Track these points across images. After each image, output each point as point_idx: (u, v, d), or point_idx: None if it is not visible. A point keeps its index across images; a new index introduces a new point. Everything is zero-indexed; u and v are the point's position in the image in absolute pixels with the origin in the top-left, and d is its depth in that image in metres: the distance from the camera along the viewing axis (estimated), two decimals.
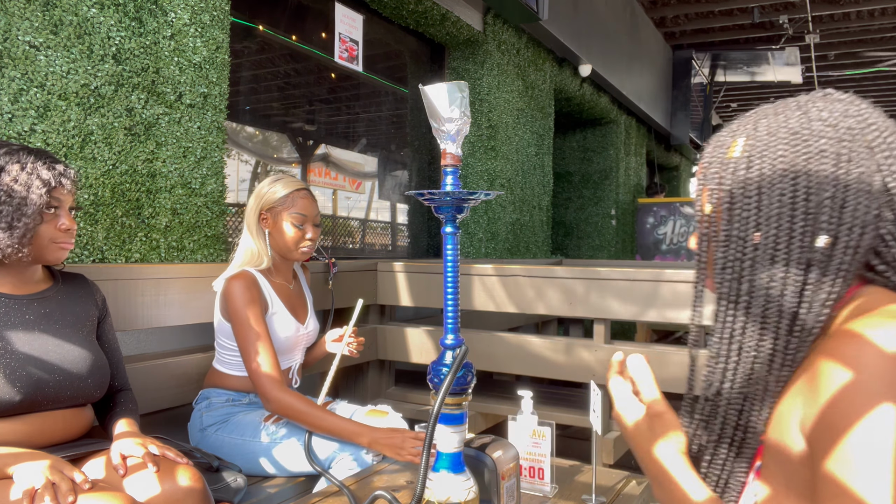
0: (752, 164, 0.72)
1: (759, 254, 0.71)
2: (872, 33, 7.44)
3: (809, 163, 0.69)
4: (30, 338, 1.31)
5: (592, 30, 5.47)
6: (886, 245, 0.69)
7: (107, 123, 1.95)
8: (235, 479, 1.58)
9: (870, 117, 0.71)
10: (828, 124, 0.70)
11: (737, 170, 0.73)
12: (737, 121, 0.78)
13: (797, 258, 0.69)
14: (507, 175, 4.42)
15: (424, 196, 1.04)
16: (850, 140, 0.69)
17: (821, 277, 0.68)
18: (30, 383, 1.26)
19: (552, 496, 1.40)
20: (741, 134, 0.75)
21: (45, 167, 1.30)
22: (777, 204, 0.70)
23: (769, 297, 0.70)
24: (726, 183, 0.74)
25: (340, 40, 3.21)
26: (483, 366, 2.60)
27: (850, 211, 0.67)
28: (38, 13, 1.77)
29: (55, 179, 1.31)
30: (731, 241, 0.73)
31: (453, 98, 1.04)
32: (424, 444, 0.97)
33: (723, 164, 0.75)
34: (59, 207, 1.34)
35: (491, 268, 2.60)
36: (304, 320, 1.96)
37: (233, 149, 3.10)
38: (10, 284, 1.35)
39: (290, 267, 1.98)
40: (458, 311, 1.08)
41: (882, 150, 0.69)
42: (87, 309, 1.47)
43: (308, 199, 1.89)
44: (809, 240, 0.68)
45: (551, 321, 3.99)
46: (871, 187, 0.68)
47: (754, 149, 0.73)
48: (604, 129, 6.51)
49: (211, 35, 2.26)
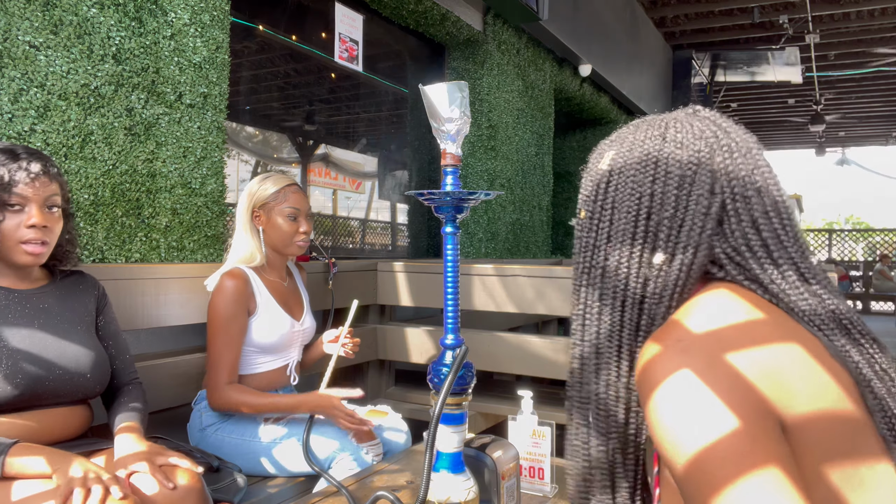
0: (610, 180, 0.76)
1: (608, 264, 0.75)
2: (872, 33, 7.45)
3: (655, 184, 0.73)
4: (28, 332, 1.30)
5: (592, 30, 5.47)
6: (725, 258, 0.72)
7: (107, 123, 1.95)
8: (235, 480, 1.58)
9: (724, 138, 0.74)
10: (679, 146, 0.74)
11: (599, 182, 0.78)
12: (618, 130, 0.82)
13: (635, 273, 0.73)
14: (507, 175, 4.42)
15: (424, 196, 1.04)
16: (697, 164, 0.72)
17: (660, 291, 0.72)
18: (29, 379, 1.26)
19: (552, 496, 1.40)
20: (614, 146, 0.79)
21: (6, 162, 1.26)
22: (623, 220, 0.74)
23: (614, 305, 0.74)
24: (591, 193, 0.78)
25: (340, 40, 3.21)
26: (483, 366, 2.60)
27: (686, 231, 0.71)
28: (38, 13, 1.77)
29: (9, 175, 1.26)
30: (588, 248, 0.78)
31: (453, 98, 1.04)
32: (427, 444, 0.97)
33: (593, 174, 0.79)
34: (25, 205, 1.28)
35: (491, 268, 2.60)
36: (299, 317, 1.96)
37: (233, 149, 3.10)
38: (9, 279, 1.35)
39: (284, 263, 1.98)
40: (458, 311, 1.08)
41: (726, 173, 0.72)
42: (85, 303, 1.46)
43: (299, 194, 1.91)
44: (648, 256, 0.72)
45: (551, 321, 3.99)
46: (710, 209, 0.71)
47: (615, 164, 0.77)
48: (604, 129, 6.51)
49: (211, 35, 2.26)
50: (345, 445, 1.69)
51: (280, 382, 1.92)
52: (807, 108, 10.55)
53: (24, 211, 1.29)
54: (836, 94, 9.85)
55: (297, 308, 1.97)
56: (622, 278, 0.73)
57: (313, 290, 2.42)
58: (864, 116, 11.65)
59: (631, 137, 0.78)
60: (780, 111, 11.34)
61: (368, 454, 1.69)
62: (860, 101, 10.56)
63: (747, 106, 11.01)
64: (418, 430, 1.81)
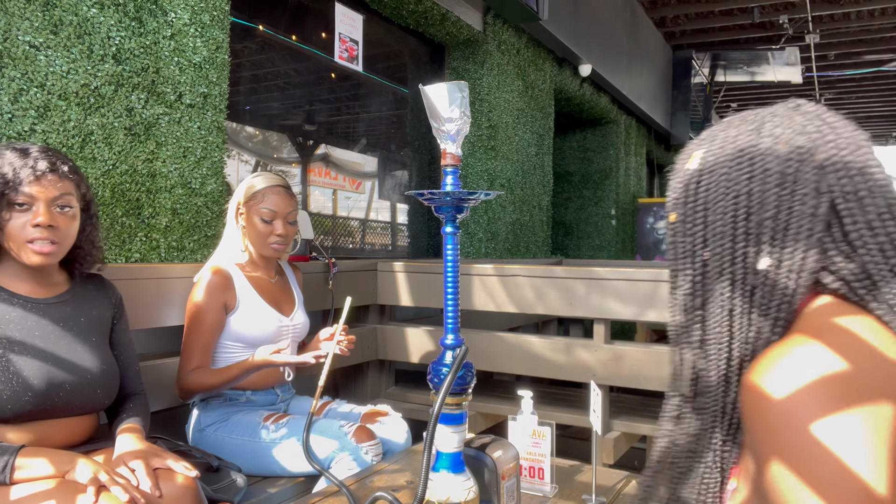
0: (701, 179, 0.71)
1: (708, 271, 0.70)
2: (872, 33, 7.45)
3: (753, 182, 0.67)
4: (45, 344, 1.29)
5: (592, 30, 5.47)
6: (835, 265, 0.66)
7: (107, 123, 1.95)
8: (235, 480, 1.58)
9: (829, 134, 0.67)
10: (778, 141, 0.68)
11: (689, 183, 0.73)
12: (708, 129, 0.77)
13: (741, 280, 0.67)
14: (507, 175, 4.42)
15: (424, 196, 1.04)
16: (799, 160, 0.66)
17: (768, 301, 0.66)
18: (40, 392, 1.25)
19: (552, 496, 1.40)
20: (703, 144, 0.74)
21: (14, 161, 1.25)
22: (720, 222, 0.69)
23: (720, 316, 0.69)
24: (680, 195, 0.74)
25: (340, 40, 3.21)
26: (483, 366, 2.60)
27: (793, 234, 0.65)
28: (38, 13, 1.77)
29: (14, 173, 1.24)
30: (682, 255, 0.73)
31: (453, 98, 1.04)
32: (425, 444, 0.97)
33: (681, 175, 0.75)
34: (32, 204, 1.26)
35: (491, 268, 2.60)
36: (289, 313, 1.97)
37: (233, 149, 3.10)
38: (29, 286, 1.33)
39: (271, 262, 1.98)
40: (458, 311, 1.08)
41: (834, 170, 0.66)
42: (102, 312, 1.45)
43: (280, 196, 1.89)
44: (752, 262, 0.67)
45: (551, 321, 3.99)
46: (817, 209, 0.65)
47: (706, 163, 0.72)
48: (604, 129, 6.51)
49: (211, 35, 2.26)
50: (344, 445, 1.69)
51: (275, 379, 1.93)
52: None
53: (30, 210, 1.27)
54: (836, 94, 9.85)
55: (286, 304, 1.98)
56: (726, 286, 0.68)
57: (313, 290, 2.42)
58: (864, 116, 11.65)
59: (722, 134, 0.72)
60: None
61: (368, 454, 1.69)
62: (860, 101, 10.56)
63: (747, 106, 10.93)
64: (418, 430, 1.80)
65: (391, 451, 1.83)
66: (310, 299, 2.43)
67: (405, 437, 1.89)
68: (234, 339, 1.86)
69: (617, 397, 2.83)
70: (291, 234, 1.93)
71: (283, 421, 1.79)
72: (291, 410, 1.98)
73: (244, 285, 1.88)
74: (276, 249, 1.90)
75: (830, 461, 0.54)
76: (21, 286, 1.32)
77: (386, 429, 1.87)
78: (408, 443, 1.89)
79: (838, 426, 0.54)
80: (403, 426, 1.91)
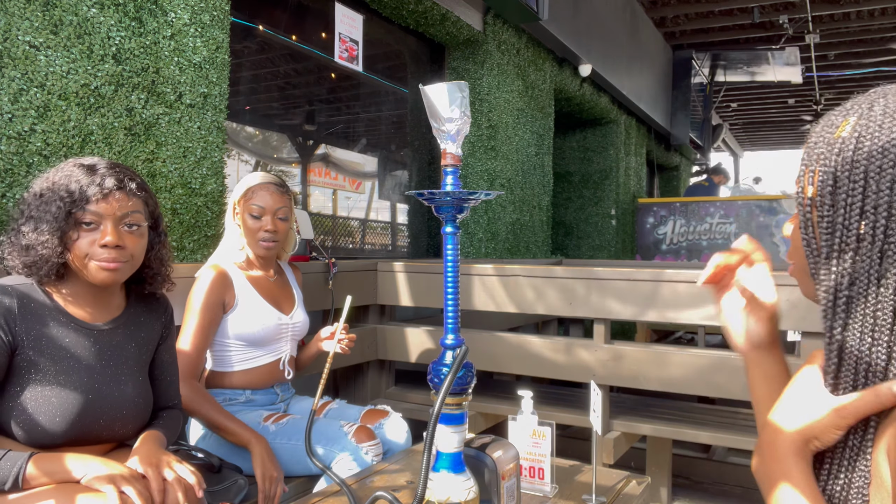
0: (861, 146, 0.65)
1: (864, 245, 0.64)
2: (872, 33, 7.45)
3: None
4: (89, 375, 1.26)
5: (592, 30, 5.47)
6: None
7: (107, 123, 1.95)
8: (236, 480, 1.58)
9: None
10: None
11: (843, 150, 0.66)
12: (850, 101, 0.71)
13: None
14: (507, 175, 4.42)
15: (424, 196, 1.04)
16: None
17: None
18: (75, 424, 1.23)
19: (552, 496, 1.40)
20: (853, 113, 0.68)
21: (81, 178, 1.22)
22: (887, 192, 0.62)
23: (871, 293, 0.64)
24: (830, 164, 0.67)
25: (340, 40, 3.21)
26: (483, 366, 2.60)
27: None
28: (38, 13, 1.77)
29: (81, 191, 1.21)
30: (834, 228, 0.67)
31: (453, 98, 1.03)
32: (425, 444, 0.97)
33: (829, 145, 0.68)
34: (100, 222, 1.23)
35: (491, 268, 2.60)
36: (288, 311, 1.97)
37: (233, 149, 3.10)
38: (88, 309, 1.30)
39: (268, 261, 1.98)
40: (458, 311, 1.08)
41: None
42: (151, 334, 1.41)
43: (269, 192, 1.89)
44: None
45: (551, 321, 3.99)
46: None
47: (865, 129, 0.65)
48: (604, 129, 6.51)
49: (211, 35, 2.26)
50: (345, 445, 1.70)
51: (275, 377, 1.93)
52: (807, 108, 10.55)
53: (98, 229, 1.23)
54: (836, 94, 9.85)
55: (286, 303, 1.99)
56: (888, 260, 0.62)
57: (313, 290, 2.42)
58: None
59: (882, 101, 0.66)
60: (780, 111, 11.34)
61: (368, 454, 1.69)
62: None
63: (747, 106, 11.01)
64: (418, 430, 1.81)
65: (391, 451, 1.83)
66: (310, 299, 2.43)
67: (405, 437, 1.89)
68: (236, 337, 1.86)
69: (617, 397, 2.83)
70: (282, 231, 1.92)
71: (283, 421, 1.79)
72: (291, 410, 1.98)
73: (243, 284, 1.89)
74: (265, 247, 1.89)
75: None
76: (79, 310, 1.29)
77: (386, 429, 1.88)
78: (408, 443, 1.89)
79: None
80: (403, 426, 1.91)
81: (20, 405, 1.20)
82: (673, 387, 2.27)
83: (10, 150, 1.73)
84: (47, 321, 1.25)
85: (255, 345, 1.88)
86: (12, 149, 1.74)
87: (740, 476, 3.05)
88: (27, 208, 1.25)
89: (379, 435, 1.83)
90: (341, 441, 1.71)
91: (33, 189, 1.26)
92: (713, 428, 2.34)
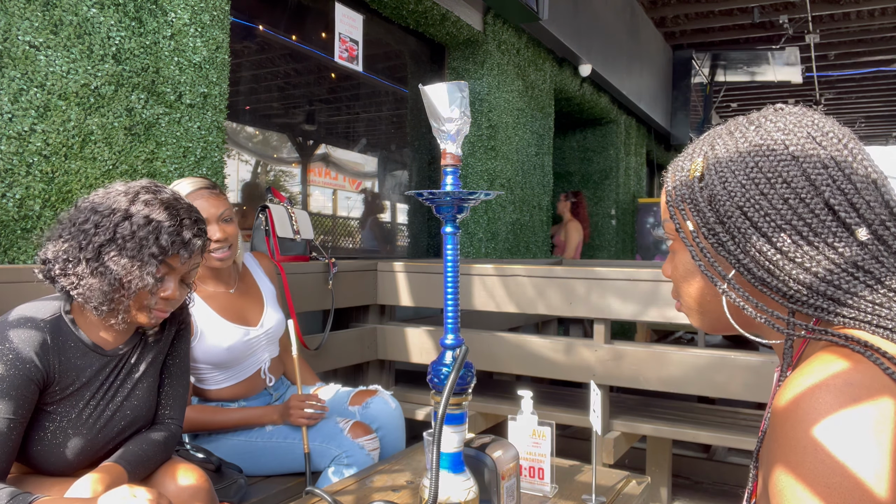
0: (713, 179, 0.72)
1: (779, 258, 0.68)
2: (872, 33, 7.45)
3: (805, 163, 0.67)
4: (100, 405, 1.25)
5: (592, 30, 5.47)
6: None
7: (107, 123, 1.95)
8: (236, 480, 1.58)
9: (824, 125, 0.70)
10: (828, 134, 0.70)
11: (705, 187, 0.73)
12: (691, 146, 0.79)
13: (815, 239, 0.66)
14: (507, 175, 4.42)
15: (424, 196, 1.04)
16: (828, 144, 0.69)
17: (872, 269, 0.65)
18: (84, 454, 1.23)
19: (552, 496, 1.40)
20: (699, 155, 0.76)
21: (168, 226, 1.18)
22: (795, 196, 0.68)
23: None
24: (697, 200, 0.74)
25: (340, 40, 3.21)
26: (483, 366, 2.60)
27: (866, 205, 0.66)
28: (38, 13, 1.77)
29: (172, 248, 1.17)
30: (739, 252, 0.71)
31: (453, 98, 1.04)
32: (432, 443, 0.97)
33: (689, 186, 0.75)
34: (168, 274, 1.21)
35: (491, 268, 2.60)
36: (256, 321, 1.84)
37: (233, 149, 3.10)
38: (106, 333, 1.27)
39: (224, 271, 1.82)
40: (458, 311, 1.08)
41: (853, 150, 0.69)
42: (162, 347, 1.38)
43: (204, 199, 1.71)
44: (849, 232, 0.66)
45: (551, 321, 3.99)
46: (870, 179, 0.67)
47: (715, 164, 0.73)
48: (604, 129, 6.51)
49: (211, 35, 2.26)
50: (341, 443, 1.70)
51: (257, 387, 1.86)
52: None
53: (163, 281, 1.21)
54: (836, 94, 9.86)
55: (252, 313, 1.86)
56: (811, 248, 0.67)
57: (313, 290, 2.42)
58: (864, 116, 11.65)
59: (720, 141, 0.74)
60: None
61: (365, 448, 1.70)
62: (860, 101, 10.56)
63: (747, 106, 11.01)
64: (418, 429, 1.81)
65: (383, 429, 1.83)
66: (310, 299, 2.43)
67: (397, 412, 1.90)
68: (205, 362, 1.76)
69: (617, 397, 2.83)
70: (232, 235, 1.74)
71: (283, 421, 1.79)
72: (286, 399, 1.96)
73: (201, 307, 1.74)
74: (220, 258, 1.73)
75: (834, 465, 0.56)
76: (98, 334, 1.26)
77: (373, 407, 1.88)
78: (400, 417, 1.90)
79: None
80: (393, 402, 1.91)
81: (42, 437, 1.20)
82: (673, 386, 2.27)
83: (10, 150, 1.73)
84: (73, 352, 1.22)
85: (225, 367, 1.79)
86: (12, 149, 1.74)
87: (740, 476, 3.05)
88: (109, 235, 1.16)
89: (369, 413, 1.84)
90: (338, 439, 1.71)
91: (114, 218, 1.17)
92: (713, 428, 2.34)
